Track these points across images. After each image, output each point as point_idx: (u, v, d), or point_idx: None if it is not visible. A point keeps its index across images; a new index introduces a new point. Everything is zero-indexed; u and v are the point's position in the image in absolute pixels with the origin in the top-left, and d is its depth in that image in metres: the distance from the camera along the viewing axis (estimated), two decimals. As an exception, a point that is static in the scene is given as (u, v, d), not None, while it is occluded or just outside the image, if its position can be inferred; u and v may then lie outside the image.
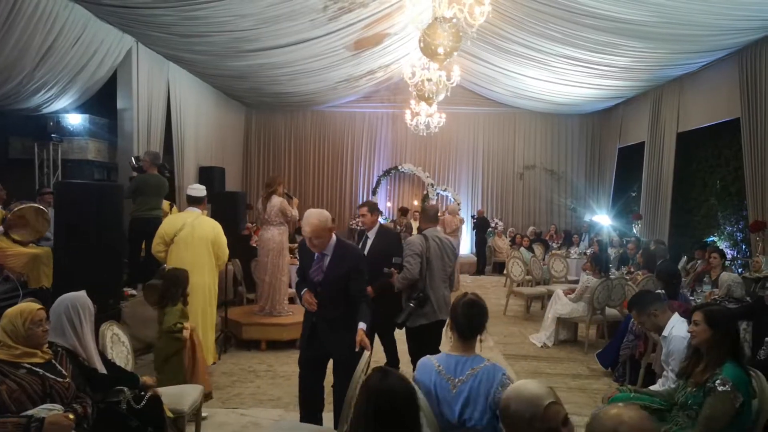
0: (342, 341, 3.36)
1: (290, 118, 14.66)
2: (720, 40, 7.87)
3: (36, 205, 5.50)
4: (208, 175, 11.17)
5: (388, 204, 14.72)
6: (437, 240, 4.41)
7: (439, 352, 4.46)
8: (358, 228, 13.73)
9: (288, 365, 5.45)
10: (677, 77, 10.02)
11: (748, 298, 4.88)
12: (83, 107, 8.53)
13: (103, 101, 8.72)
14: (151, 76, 9.00)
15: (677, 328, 3.31)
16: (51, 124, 8.05)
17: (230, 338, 6.03)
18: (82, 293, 3.07)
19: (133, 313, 5.43)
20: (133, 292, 5.73)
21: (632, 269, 7.66)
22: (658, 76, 10.13)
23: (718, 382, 2.60)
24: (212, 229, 4.83)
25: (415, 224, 13.51)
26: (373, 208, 4.78)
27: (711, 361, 2.72)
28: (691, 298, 5.37)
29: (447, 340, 2.74)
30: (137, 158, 7.03)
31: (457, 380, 2.42)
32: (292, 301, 7.58)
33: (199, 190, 4.98)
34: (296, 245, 8.83)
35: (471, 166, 14.63)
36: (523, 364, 5.84)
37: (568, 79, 10.71)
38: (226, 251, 4.94)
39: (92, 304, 3.07)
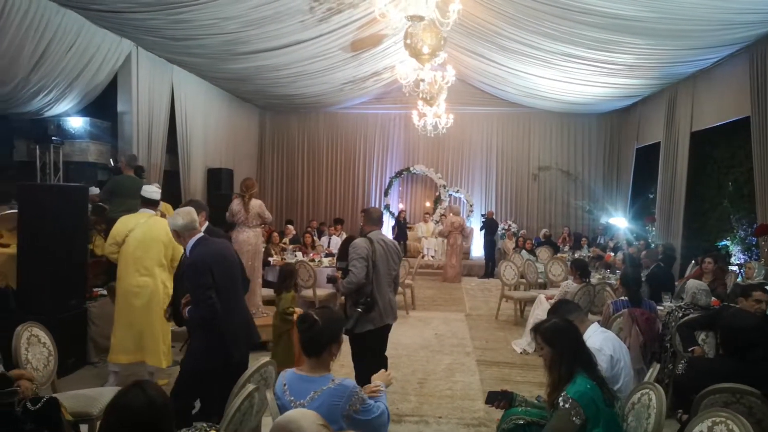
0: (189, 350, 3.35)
1: (303, 120, 14.76)
2: (724, 35, 7.46)
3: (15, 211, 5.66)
4: (215, 176, 11.34)
5: (401, 206, 14.61)
6: (382, 243, 4.26)
7: (383, 356, 4.39)
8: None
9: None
10: (691, 74, 9.59)
11: (714, 306, 4.59)
12: (86, 110, 8.73)
13: (105, 104, 8.92)
14: (152, 80, 9.18)
15: (592, 339, 3.11)
16: (52, 127, 8.27)
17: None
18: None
19: (101, 313, 5.51)
20: (104, 291, 5.81)
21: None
22: (670, 74, 9.71)
23: (560, 399, 2.49)
24: (165, 230, 4.82)
25: (426, 227, 13.42)
26: (200, 208, 4.21)
27: (556, 379, 2.59)
28: (669, 305, 5.08)
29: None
30: (116, 160, 7.15)
31: (298, 403, 2.31)
32: (271, 303, 7.61)
33: (152, 192, 4.98)
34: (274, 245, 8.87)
35: (484, 167, 14.40)
36: (493, 371, 5.67)
37: (575, 77, 10.40)
38: (180, 251, 4.93)
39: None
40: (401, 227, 13.41)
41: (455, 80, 9.74)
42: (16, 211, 5.86)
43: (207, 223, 4.30)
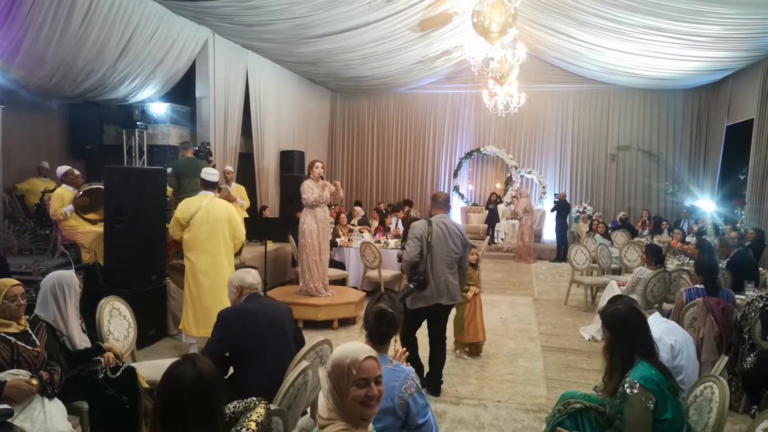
0: None
1: (373, 102, 14.83)
2: (830, 0, 6.79)
3: (102, 186, 6.06)
4: (287, 158, 11.64)
5: (470, 187, 14.44)
6: (442, 226, 4.36)
7: (439, 336, 4.46)
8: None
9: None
10: (790, 44, 8.80)
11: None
12: (167, 96, 9.19)
13: (185, 90, 9.35)
14: (228, 65, 9.51)
15: (651, 329, 2.95)
16: (137, 112, 8.77)
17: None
18: (69, 272, 3.37)
19: (179, 289, 5.84)
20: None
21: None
22: (766, 45, 8.94)
23: (626, 385, 2.39)
24: (225, 210, 5.05)
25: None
26: None
27: (616, 365, 2.51)
28: (751, 294, 4.76)
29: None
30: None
31: None
32: (343, 283, 7.78)
33: (212, 175, 5.18)
34: (342, 226, 9.00)
35: (559, 148, 13.92)
36: (558, 357, 5.55)
37: (658, 51, 9.80)
38: (243, 231, 5.15)
39: (78, 283, 3.35)
40: (492, 211, 13.06)
41: (528, 57, 9.43)
42: (93, 187, 6.27)
43: None
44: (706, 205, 11.89)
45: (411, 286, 4.26)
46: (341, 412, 1.76)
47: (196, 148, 7.77)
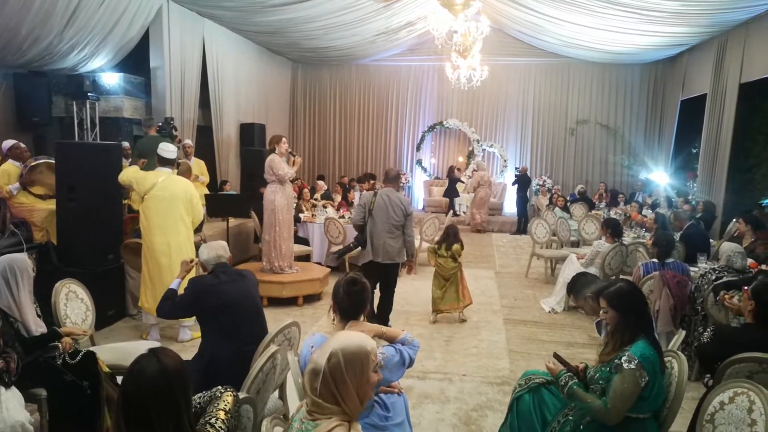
0: None
1: (335, 73, 14.58)
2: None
3: (50, 160, 5.80)
4: (247, 131, 11.37)
5: (433, 160, 14.47)
6: (385, 197, 5.04)
7: (388, 285, 5.12)
8: (403, 184, 13.66)
9: (278, 322, 5.56)
10: (743, 22, 9.01)
11: (752, 269, 4.44)
12: (120, 66, 8.80)
13: (139, 60, 8.97)
14: (183, 34, 9.15)
15: None
16: (87, 83, 8.38)
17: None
18: (22, 255, 3.22)
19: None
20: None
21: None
22: (721, 21, 9.15)
23: (624, 358, 2.43)
24: (183, 189, 4.90)
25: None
26: None
27: (619, 341, 2.55)
28: (704, 266, 4.95)
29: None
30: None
31: None
32: (307, 259, 7.73)
33: (169, 152, 4.99)
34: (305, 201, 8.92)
35: (520, 121, 14.03)
36: (520, 330, 5.68)
37: (616, 25, 9.92)
38: (201, 211, 5.03)
39: (32, 266, 3.21)
40: (452, 184, 13.10)
41: (491, 30, 9.39)
42: (41, 162, 5.99)
43: None
44: (659, 177, 12.24)
45: (350, 245, 5.19)
46: (348, 404, 1.65)
47: (160, 125, 7.42)
